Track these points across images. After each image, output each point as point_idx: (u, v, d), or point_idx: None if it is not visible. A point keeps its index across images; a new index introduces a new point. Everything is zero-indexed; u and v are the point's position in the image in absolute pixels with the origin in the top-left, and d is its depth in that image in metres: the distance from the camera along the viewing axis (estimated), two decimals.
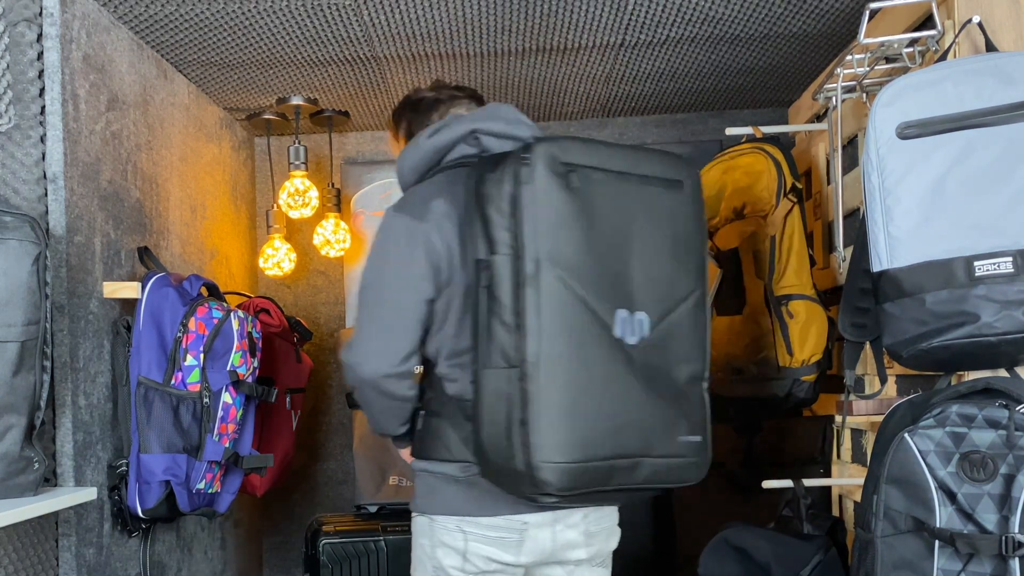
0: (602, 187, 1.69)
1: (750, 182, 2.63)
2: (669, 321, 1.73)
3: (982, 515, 1.55)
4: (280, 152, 3.54)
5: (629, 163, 1.73)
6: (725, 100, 3.31)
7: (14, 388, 1.80)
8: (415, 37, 2.58)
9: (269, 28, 2.47)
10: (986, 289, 1.61)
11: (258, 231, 3.63)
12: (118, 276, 2.35)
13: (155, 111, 2.64)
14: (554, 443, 1.60)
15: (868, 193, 1.74)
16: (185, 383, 2.28)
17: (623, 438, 1.67)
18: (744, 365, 2.64)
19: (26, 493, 1.84)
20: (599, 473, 1.66)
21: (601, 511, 1.85)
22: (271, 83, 2.97)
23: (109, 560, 2.26)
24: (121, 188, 2.40)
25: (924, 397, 1.73)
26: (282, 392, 3.00)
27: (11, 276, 1.78)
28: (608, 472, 1.66)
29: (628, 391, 1.67)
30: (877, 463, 1.68)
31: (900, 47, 2.04)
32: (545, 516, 1.77)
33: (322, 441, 3.60)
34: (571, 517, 1.80)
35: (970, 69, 1.68)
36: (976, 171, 1.64)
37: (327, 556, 2.94)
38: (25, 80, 2.05)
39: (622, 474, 1.68)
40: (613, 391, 1.66)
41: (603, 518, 1.86)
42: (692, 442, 1.74)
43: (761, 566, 2.29)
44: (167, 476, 2.24)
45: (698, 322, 1.78)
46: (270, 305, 3.07)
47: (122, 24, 2.42)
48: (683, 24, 2.54)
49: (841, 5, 2.40)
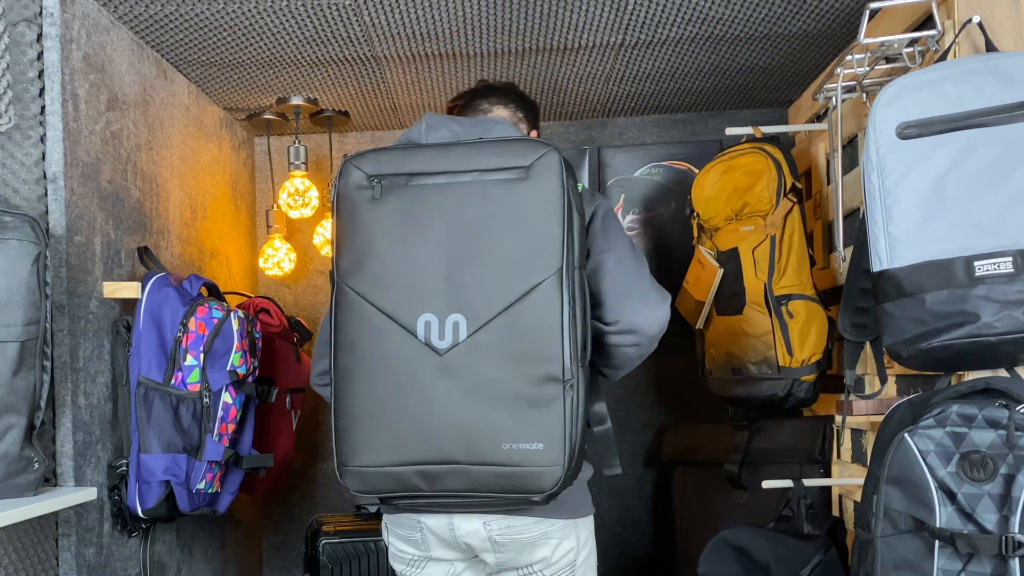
0: (423, 192, 1.69)
1: (750, 182, 2.63)
2: (500, 322, 1.64)
3: (982, 515, 1.55)
4: (280, 152, 3.54)
5: (460, 162, 1.69)
6: (725, 100, 3.31)
7: (14, 388, 1.80)
8: (415, 37, 2.58)
9: (269, 28, 2.47)
10: (986, 289, 1.61)
11: (258, 231, 3.63)
12: (118, 276, 2.35)
13: (155, 111, 2.64)
14: (351, 448, 1.69)
15: (868, 193, 1.74)
16: (185, 383, 2.29)
17: (432, 444, 1.66)
18: (744, 365, 2.64)
19: (26, 493, 1.84)
20: (404, 478, 1.67)
21: (508, 521, 1.78)
22: (271, 83, 2.97)
23: (109, 560, 2.26)
24: (121, 188, 2.40)
25: (924, 397, 1.73)
26: (282, 392, 3.00)
27: (11, 276, 1.78)
28: (417, 477, 1.67)
29: (439, 397, 1.65)
30: (877, 463, 1.68)
31: (900, 47, 2.04)
32: (439, 518, 1.80)
33: (322, 441, 3.60)
34: (466, 522, 1.79)
35: (970, 69, 1.68)
36: (976, 171, 1.64)
37: (327, 556, 2.94)
38: (25, 80, 2.05)
39: (437, 480, 1.66)
40: (420, 397, 1.66)
41: (509, 529, 1.79)
42: (526, 450, 1.62)
43: (761, 566, 2.29)
44: (167, 476, 2.24)
45: (548, 318, 1.62)
46: (270, 305, 3.07)
47: (122, 24, 2.42)
48: (683, 24, 2.54)
49: (841, 5, 2.40)
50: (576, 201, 1.66)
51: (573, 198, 1.65)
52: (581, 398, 1.63)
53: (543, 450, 1.61)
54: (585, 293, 1.67)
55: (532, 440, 1.62)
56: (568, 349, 1.62)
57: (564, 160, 1.65)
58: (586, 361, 1.67)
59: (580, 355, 1.63)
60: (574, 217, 1.65)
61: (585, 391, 1.65)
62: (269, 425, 2.96)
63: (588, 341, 1.67)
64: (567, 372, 1.61)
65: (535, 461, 1.62)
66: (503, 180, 1.65)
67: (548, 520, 1.79)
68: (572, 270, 1.64)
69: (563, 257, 1.63)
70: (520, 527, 1.79)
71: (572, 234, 1.64)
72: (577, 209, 1.66)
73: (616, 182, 3.50)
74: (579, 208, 1.67)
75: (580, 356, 1.63)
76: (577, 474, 1.70)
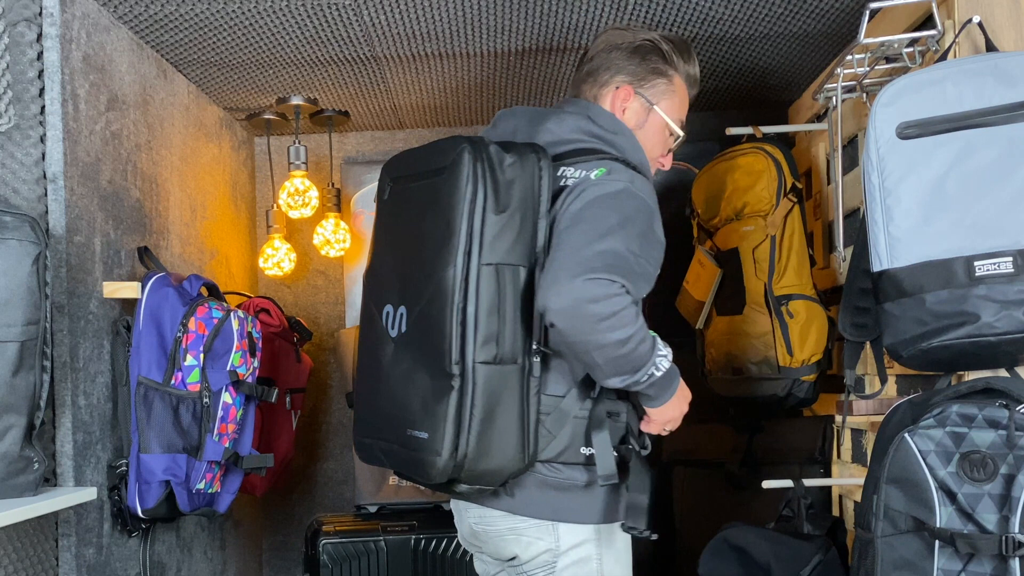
0: (404, 191, 1.83)
1: (750, 182, 2.63)
2: (417, 315, 1.72)
3: (982, 515, 1.55)
4: (280, 152, 3.54)
5: (423, 162, 1.78)
6: (725, 100, 3.31)
7: (14, 388, 1.80)
8: (415, 37, 2.58)
9: (269, 28, 2.47)
10: (986, 289, 1.61)
11: (258, 231, 3.63)
12: (118, 276, 2.35)
13: (155, 111, 2.64)
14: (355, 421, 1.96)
15: (868, 193, 1.74)
16: (185, 383, 2.29)
17: (382, 422, 1.81)
18: (744, 365, 2.64)
19: (26, 493, 1.84)
20: (378, 451, 1.85)
21: (482, 511, 1.84)
22: (271, 83, 2.97)
23: (109, 560, 2.26)
24: (121, 188, 2.40)
25: (924, 397, 1.73)
26: (282, 392, 3.00)
27: (11, 276, 1.78)
28: (383, 452, 1.83)
29: (387, 380, 1.80)
30: (877, 463, 1.68)
31: (900, 47, 2.04)
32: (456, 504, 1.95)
33: (322, 441, 3.60)
34: (466, 511, 1.90)
35: (970, 69, 1.68)
36: (976, 171, 1.64)
37: (327, 556, 2.94)
38: (25, 80, 2.05)
39: (390, 457, 1.81)
40: (378, 380, 1.82)
41: (483, 519, 1.84)
42: (417, 438, 1.69)
43: (761, 566, 2.29)
44: (167, 476, 2.24)
45: (442, 314, 1.65)
46: (270, 305, 3.07)
47: (122, 24, 2.42)
48: (683, 24, 2.54)
49: (841, 5, 2.40)
50: (493, 197, 1.65)
51: (486, 194, 1.65)
52: (475, 395, 1.64)
53: (427, 439, 1.67)
54: (503, 290, 1.66)
55: (423, 429, 1.68)
56: (455, 344, 1.63)
57: (479, 156, 1.66)
58: (494, 359, 1.65)
59: (475, 352, 1.63)
60: (485, 213, 1.65)
61: (485, 388, 1.64)
62: (269, 425, 2.96)
63: (501, 339, 1.66)
64: (453, 367, 1.63)
65: (422, 448, 1.68)
66: (437, 178, 1.71)
67: (516, 516, 1.81)
68: (477, 266, 1.64)
69: (462, 253, 1.64)
70: (490, 518, 1.83)
71: (478, 229, 1.64)
72: (496, 204, 1.65)
73: None
74: (501, 202, 1.66)
75: (475, 353, 1.63)
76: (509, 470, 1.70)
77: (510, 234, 1.66)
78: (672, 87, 1.95)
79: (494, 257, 1.65)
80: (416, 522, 2.96)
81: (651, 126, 1.94)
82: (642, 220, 1.72)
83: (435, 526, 2.95)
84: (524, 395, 1.70)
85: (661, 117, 1.94)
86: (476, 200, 1.64)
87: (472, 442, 1.65)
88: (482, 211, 1.64)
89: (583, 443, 1.77)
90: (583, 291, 1.59)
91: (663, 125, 1.95)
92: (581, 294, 1.59)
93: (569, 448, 1.77)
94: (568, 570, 1.81)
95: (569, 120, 1.86)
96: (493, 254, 1.65)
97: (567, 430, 1.76)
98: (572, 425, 1.77)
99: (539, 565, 1.82)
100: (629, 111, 1.92)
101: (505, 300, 1.66)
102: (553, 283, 1.61)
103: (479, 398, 1.64)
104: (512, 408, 1.68)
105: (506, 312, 1.66)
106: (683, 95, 1.99)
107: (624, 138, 1.85)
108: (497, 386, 1.66)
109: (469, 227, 1.64)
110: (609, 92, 1.92)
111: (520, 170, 1.68)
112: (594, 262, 1.62)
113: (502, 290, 1.65)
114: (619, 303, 1.61)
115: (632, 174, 1.77)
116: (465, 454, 1.65)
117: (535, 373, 1.70)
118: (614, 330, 1.61)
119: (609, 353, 1.64)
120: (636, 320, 1.65)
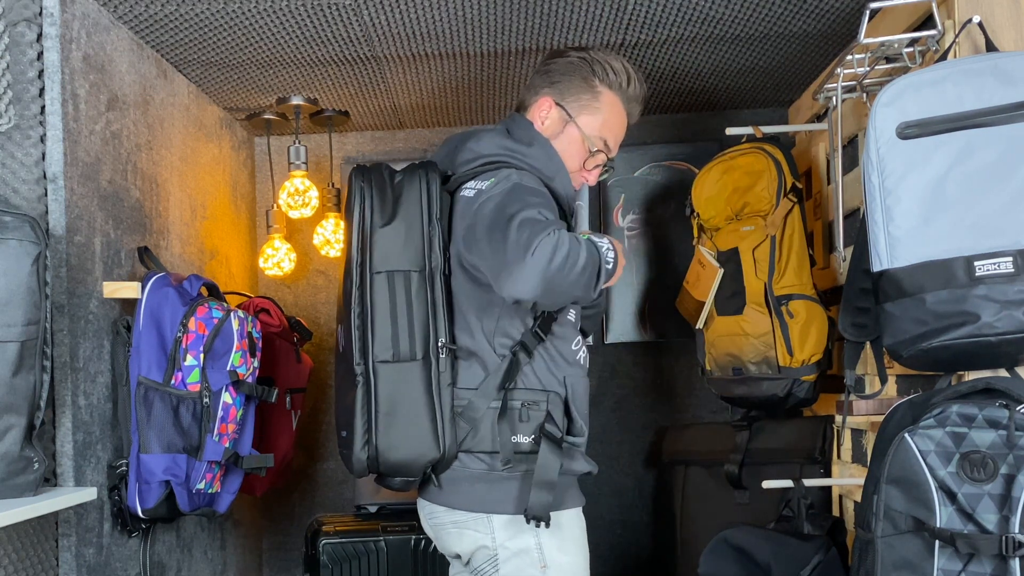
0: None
1: (750, 182, 2.63)
2: (344, 326, 1.93)
3: (982, 515, 1.55)
4: (280, 152, 3.54)
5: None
6: (725, 100, 3.31)
7: (14, 388, 1.80)
8: (415, 37, 2.57)
9: (269, 28, 2.47)
10: (986, 289, 1.61)
11: (258, 231, 3.63)
12: (118, 276, 2.35)
13: (155, 111, 2.64)
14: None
15: (868, 193, 1.74)
16: (185, 383, 2.28)
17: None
18: (744, 365, 2.64)
19: (26, 493, 1.84)
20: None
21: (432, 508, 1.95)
22: (271, 83, 2.97)
23: (109, 560, 2.26)
24: (121, 188, 2.40)
25: (924, 397, 1.73)
26: (282, 392, 3.00)
27: (11, 276, 1.78)
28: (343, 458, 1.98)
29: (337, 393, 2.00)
30: (877, 463, 1.68)
31: (900, 47, 2.04)
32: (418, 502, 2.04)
33: (322, 441, 3.59)
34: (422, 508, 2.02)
35: (970, 69, 1.68)
36: (976, 171, 1.64)
37: (327, 556, 2.94)
38: (25, 80, 2.05)
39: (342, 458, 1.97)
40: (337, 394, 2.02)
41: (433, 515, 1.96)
42: (343, 437, 1.91)
43: (761, 566, 2.29)
44: (167, 476, 2.24)
45: (349, 317, 1.86)
46: (270, 305, 3.07)
47: (122, 24, 2.42)
48: (683, 24, 2.54)
49: (841, 5, 2.40)
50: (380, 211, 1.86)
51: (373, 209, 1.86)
52: (377, 391, 1.82)
53: (347, 437, 1.88)
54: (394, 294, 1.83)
55: (345, 428, 1.89)
56: (357, 347, 1.83)
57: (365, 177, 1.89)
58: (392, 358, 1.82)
59: (374, 352, 1.82)
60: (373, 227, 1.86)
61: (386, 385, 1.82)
62: (269, 425, 2.95)
63: (396, 339, 1.82)
64: (356, 367, 1.83)
65: (346, 445, 1.89)
66: None
67: (456, 511, 1.90)
68: (370, 275, 1.84)
69: (356, 265, 1.86)
70: (437, 513, 1.94)
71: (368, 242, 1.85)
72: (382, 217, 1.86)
73: (616, 182, 3.50)
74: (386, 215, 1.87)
75: (374, 353, 1.82)
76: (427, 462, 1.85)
77: (396, 244, 1.85)
78: (598, 104, 2.01)
79: (384, 265, 1.84)
80: (416, 522, 2.96)
81: (567, 137, 2.01)
82: (523, 190, 1.82)
83: None
84: (429, 388, 1.82)
85: (578, 131, 2.00)
86: (365, 216, 1.86)
87: (379, 435, 1.82)
88: (369, 226, 1.86)
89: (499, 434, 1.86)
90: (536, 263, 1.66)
91: (580, 139, 2.00)
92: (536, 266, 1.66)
93: (489, 439, 1.85)
94: (510, 563, 1.85)
95: (486, 137, 1.97)
96: (383, 263, 1.84)
97: (485, 422, 1.85)
98: (488, 416, 1.85)
99: (483, 560, 1.87)
100: (548, 121, 2.01)
101: (397, 303, 1.82)
102: (508, 276, 1.69)
103: (381, 394, 1.82)
104: (417, 401, 1.82)
105: (399, 314, 1.82)
106: (612, 113, 2.03)
107: (538, 148, 1.95)
108: (397, 382, 1.82)
109: (360, 241, 1.85)
110: (535, 103, 2.03)
111: (407, 185, 1.88)
112: (522, 240, 1.69)
113: (394, 295, 1.83)
114: (559, 241, 1.68)
115: (518, 175, 1.86)
116: (376, 446, 1.82)
117: (442, 368, 1.83)
118: (576, 264, 1.70)
119: (584, 281, 1.73)
120: (575, 243, 1.72)
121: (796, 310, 2.55)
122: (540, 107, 2.01)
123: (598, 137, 2.01)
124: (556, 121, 2.00)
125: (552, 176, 1.92)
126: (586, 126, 2.00)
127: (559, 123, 2.00)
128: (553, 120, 2.01)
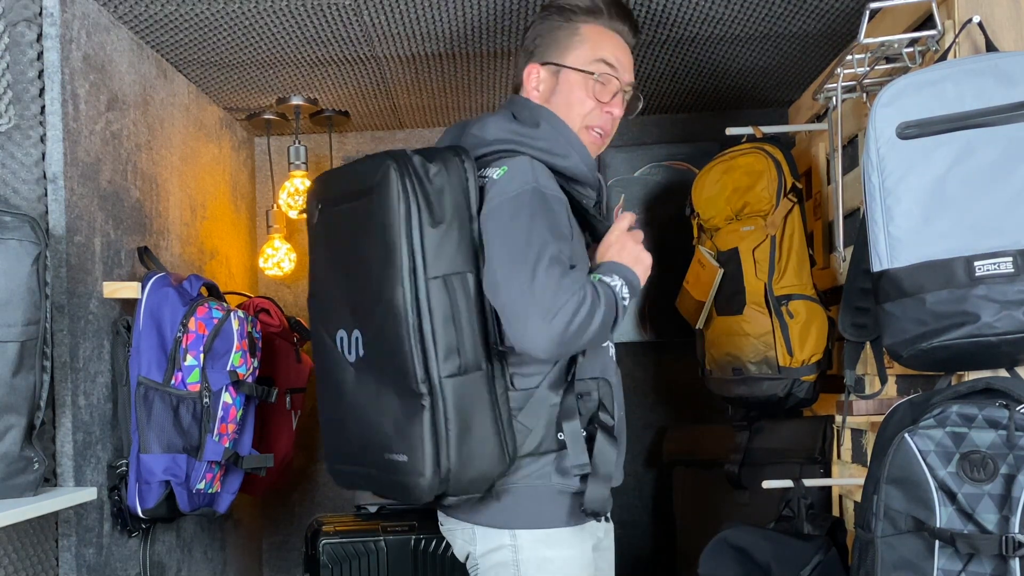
0: (335, 213, 1.81)
1: (750, 182, 2.63)
2: (374, 337, 1.72)
3: (982, 515, 1.55)
4: (280, 152, 3.54)
5: (349, 183, 1.78)
6: (725, 100, 3.31)
7: (14, 388, 1.80)
8: (415, 37, 2.57)
9: (269, 28, 2.47)
10: (986, 289, 1.61)
11: (258, 231, 3.63)
12: (118, 276, 2.35)
13: (155, 111, 2.64)
14: (326, 450, 1.95)
15: (868, 193, 1.74)
16: (185, 383, 2.29)
17: (356, 449, 1.81)
18: (744, 365, 2.64)
19: (26, 493, 1.84)
20: (357, 477, 1.86)
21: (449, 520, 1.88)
22: (271, 83, 2.97)
23: (109, 560, 2.26)
24: (121, 188, 2.40)
25: (924, 397, 1.73)
26: (282, 392, 3.00)
27: (11, 276, 1.78)
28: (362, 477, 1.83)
29: (355, 406, 1.78)
30: (877, 463, 1.68)
31: (900, 47, 2.04)
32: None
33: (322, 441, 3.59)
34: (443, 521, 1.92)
35: (970, 69, 1.68)
36: (976, 171, 1.64)
37: (327, 556, 2.94)
38: (25, 80, 2.05)
39: (370, 482, 1.81)
40: (344, 406, 1.81)
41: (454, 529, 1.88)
42: (397, 461, 1.68)
43: (761, 566, 2.29)
44: (167, 476, 2.24)
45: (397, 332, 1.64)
46: (270, 305, 3.07)
47: (122, 24, 2.42)
48: (683, 24, 2.54)
49: (841, 5, 2.40)
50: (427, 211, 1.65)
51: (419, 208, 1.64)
52: (447, 410, 1.63)
53: (407, 462, 1.66)
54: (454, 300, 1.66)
55: (400, 452, 1.68)
56: (418, 363, 1.63)
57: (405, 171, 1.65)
58: (459, 371, 1.65)
59: (439, 367, 1.63)
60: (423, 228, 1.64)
61: (456, 401, 1.64)
62: (269, 425, 2.95)
63: (462, 349, 1.65)
64: (420, 386, 1.63)
65: (402, 471, 1.68)
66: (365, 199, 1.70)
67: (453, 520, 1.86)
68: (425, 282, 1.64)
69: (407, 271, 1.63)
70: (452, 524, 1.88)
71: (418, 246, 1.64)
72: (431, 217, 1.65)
73: (616, 182, 3.50)
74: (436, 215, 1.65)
75: (439, 368, 1.63)
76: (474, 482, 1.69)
77: (450, 244, 1.66)
78: (578, 35, 1.88)
79: (440, 269, 1.65)
80: (416, 522, 2.96)
81: (565, 85, 1.87)
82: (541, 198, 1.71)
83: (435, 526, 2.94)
84: (494, 398, 1.69)
85: (572, 71, 1.87)
86: (411, 217, 1.64)
87: (453, 456, 1.64)
88: (419, 227, 1.64)
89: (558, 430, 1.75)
90: (555, 329, 1.60)
91: (580, 78, 1.87)
92: (554, 331, 1.60)
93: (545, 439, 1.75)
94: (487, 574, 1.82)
95: (491, 122, 1.83)
96: (438, 267, 1.65)
97: (542, 421, 1.75)
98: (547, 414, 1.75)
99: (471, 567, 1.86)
100: (542, 85, 1.90)
101: (459, 309, 1.66)
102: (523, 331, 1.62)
103: (452, 412, 1.64)
104: (485, 413, 1.68)
105: (462, 321, 1.66)
106: (600, 38, 1.89)
107: (545, 125, 1.82)
108: (467, 396, 1.66)
109: (409, 245, 1.64)
110: (523, 78, 1.93)
111: (447, 177, 1.68)
112: (546, 297, 1.61)
113: (454, 300, 1.66)
114: (580, 302, 1.62)
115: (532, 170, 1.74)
116: (448, 469, 1.64)
117: (500, 373, 1.71)
118: (592, 324, 1.64)
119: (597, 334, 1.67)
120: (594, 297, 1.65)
121: (796, 310, 2.55)
122: (529, 78, 1.91)
123: (594, 62, 1.87)
124: (548, 78, 1.89)
125: (565, 154, 1.80)
126: (576, 61, 1.87)
127: (551, 78, 1.89)
128: (545, 80, 1.89)
